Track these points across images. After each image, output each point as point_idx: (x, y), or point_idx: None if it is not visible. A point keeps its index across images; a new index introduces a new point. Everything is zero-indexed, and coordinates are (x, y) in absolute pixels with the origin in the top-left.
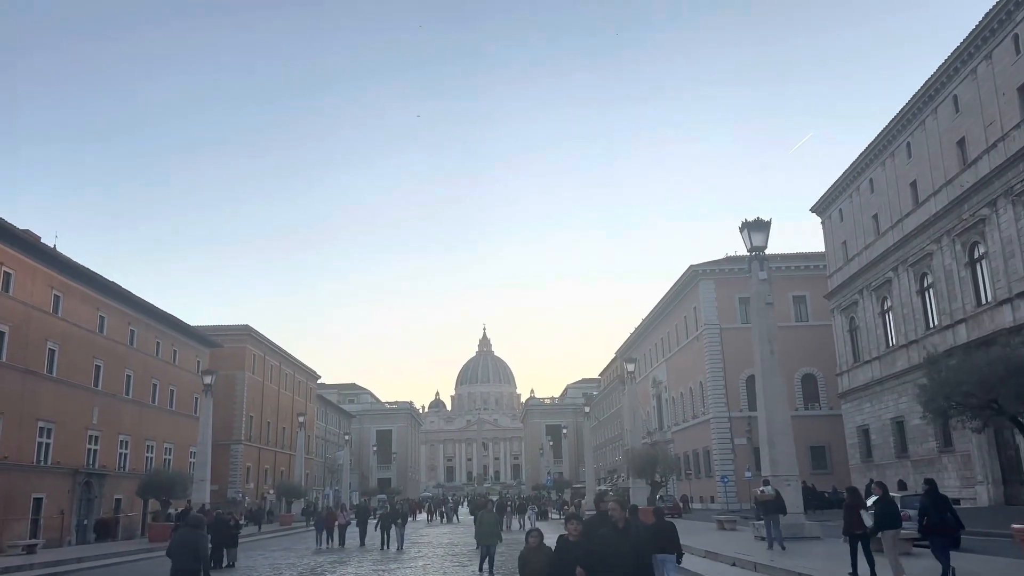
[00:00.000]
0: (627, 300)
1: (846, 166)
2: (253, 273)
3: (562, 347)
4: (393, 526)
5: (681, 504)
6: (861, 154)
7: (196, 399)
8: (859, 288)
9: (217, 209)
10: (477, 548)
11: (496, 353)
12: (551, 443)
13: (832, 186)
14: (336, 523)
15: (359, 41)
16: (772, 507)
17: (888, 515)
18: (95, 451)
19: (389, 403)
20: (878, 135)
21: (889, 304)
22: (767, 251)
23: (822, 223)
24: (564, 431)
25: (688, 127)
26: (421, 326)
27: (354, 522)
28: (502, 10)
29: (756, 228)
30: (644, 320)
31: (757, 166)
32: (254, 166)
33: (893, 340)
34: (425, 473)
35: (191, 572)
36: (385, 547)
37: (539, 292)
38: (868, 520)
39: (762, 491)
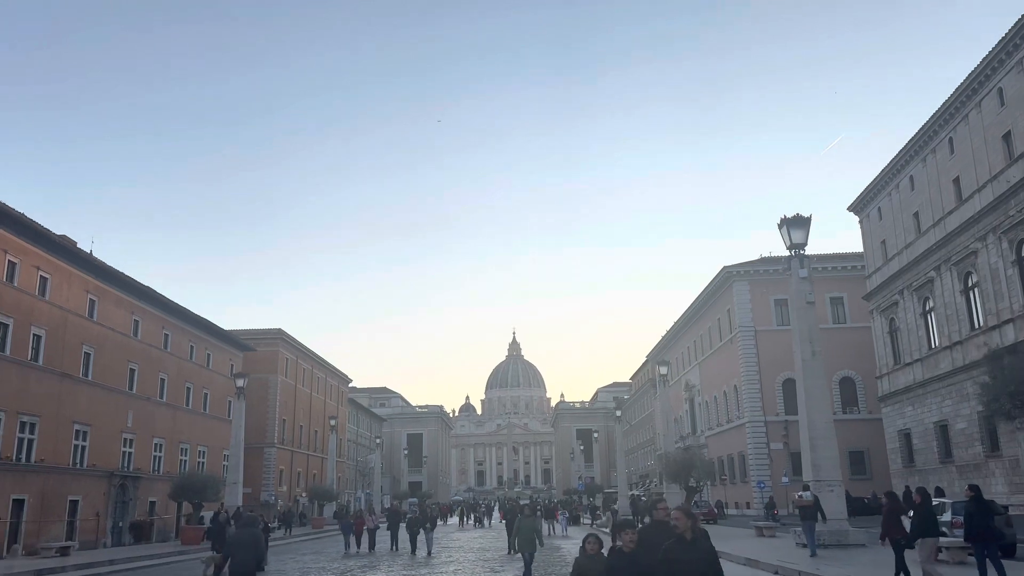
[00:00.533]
0: (657, 304)
1: (884, 164)
2: (285, 278)
3: (592, 351)
4: (422, 530)
5: (716, 510)
6: (901, 151)
7: (229, 402)
8: (899, 288)
9: (248, 213)
10: (510, 553)
11: (526, 357)
12: (582, 447)
13: (870, 184)
14: (365, 527)
15: (367, 50)
16: (810, 513)
17: (926, 523)
18: (130, 454)
19: (420, 407)
20: (919, 130)
21: (931, 304)
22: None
23: (860, 222)
24: (595, 435)
25: (717, 129)
26: (451, 330)
27: (384, 526)
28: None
29: (796, 224)
30: (676, 323)
31: (790, 167)
32: (287, 171)
33: (936, 341)
34: (456, 477)
35: (250, 568)
36: (415, 552)
37: (568, 297)
38: (908, 526)
39: (801, 496)
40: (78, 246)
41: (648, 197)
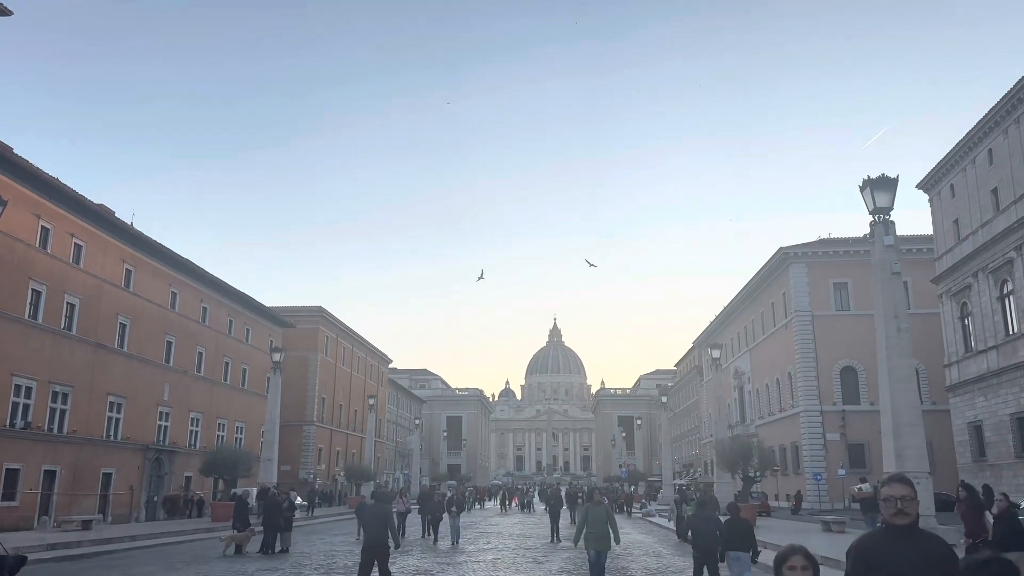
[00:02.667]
0: (702, 291)
1: (957, 139)
2: (327, 255)
3: (634, 338)
4: (446, 515)
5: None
6: (978, 123)
7: (268, 379)
8: (973, 270)
9: (293, 192)
10: (553, 541)
11: (567, 343)
12: (623, 434)
13: (942, 160)
14: (395, 511)
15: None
16: (869, 505)
17: (1014, 534)
18: (165, 427)
19: (460, 390)
20: (1000, 100)
21: (1010, 287)
22: (870, 228)
23: (930, 200)
24: (637, 422)
25: (767, 110)
26: (492, 315)
27: (416, 510)
28: None
29: (881, 186)
30: (726, 308)
31: (846, 147)
32: (333, 152)
33: (1014, 327)
34: (495, 461)
35: (383, 540)
36: (426, 535)
37: (611, 283)
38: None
39: (860, 489)
40: (116, 216)
41: (694, 180)
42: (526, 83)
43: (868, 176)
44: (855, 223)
